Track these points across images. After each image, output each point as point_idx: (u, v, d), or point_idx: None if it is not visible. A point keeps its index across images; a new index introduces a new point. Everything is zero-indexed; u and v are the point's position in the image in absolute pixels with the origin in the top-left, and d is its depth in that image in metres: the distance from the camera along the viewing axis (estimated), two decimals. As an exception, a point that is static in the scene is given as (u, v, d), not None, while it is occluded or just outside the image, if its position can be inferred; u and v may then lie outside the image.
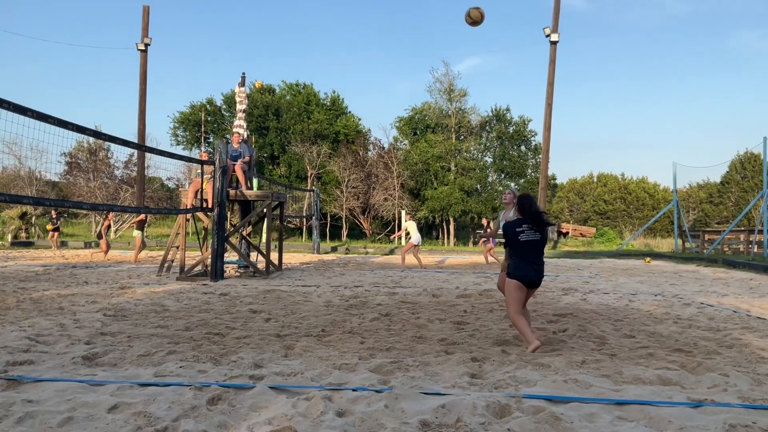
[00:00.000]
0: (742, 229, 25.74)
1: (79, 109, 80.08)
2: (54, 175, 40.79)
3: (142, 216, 19.09)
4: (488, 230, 18.59)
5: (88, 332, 6.24)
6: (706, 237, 26.21)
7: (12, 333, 6.06)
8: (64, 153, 35.41)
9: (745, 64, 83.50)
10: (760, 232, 21.03)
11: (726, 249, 24.71)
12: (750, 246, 21.67)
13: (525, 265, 5.60)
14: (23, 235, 29.03)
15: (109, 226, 21.11)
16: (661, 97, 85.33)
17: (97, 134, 8.80)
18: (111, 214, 20.85)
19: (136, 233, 18.62)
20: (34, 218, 27.97)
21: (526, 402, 3.90)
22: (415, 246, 17.16)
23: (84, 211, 37.20)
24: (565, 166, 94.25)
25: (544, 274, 5.90)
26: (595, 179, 52.23)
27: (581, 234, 39.71)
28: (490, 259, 18.87)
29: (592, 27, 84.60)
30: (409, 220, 18.28)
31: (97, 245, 24.63)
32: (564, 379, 4.47)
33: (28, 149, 36.21)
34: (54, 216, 24.41)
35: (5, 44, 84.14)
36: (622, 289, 11.24)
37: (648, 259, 21.59)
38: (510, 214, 7.63)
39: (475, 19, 9.18)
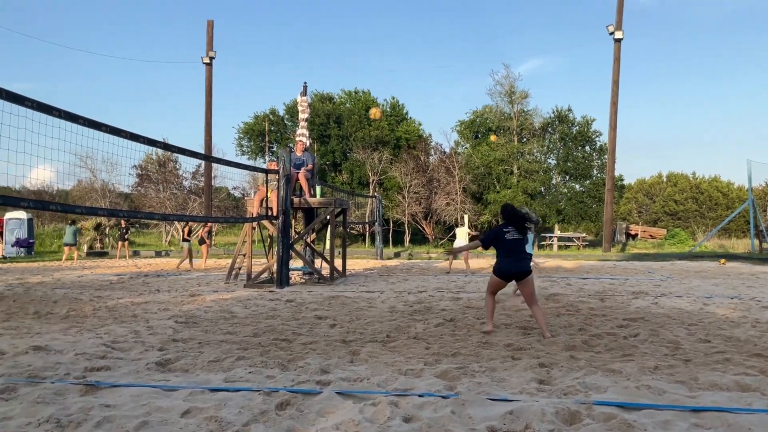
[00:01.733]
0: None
1: (147, 123, 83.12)
2: (126, 187, 42.43)
3: (190, 226, 19.63)
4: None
5: (160, 339, 6.44)
6: (786, 237, 25.00)
7: (89, 340, 6.32)
8: (135, 165, 36.79)
9: (824, 53, 79.23)
10: None
11: (808, 249, 23.51)
12: (835, 245, 20.53)
13: (507, 260, 6.75)
14: (98, 245, 30.28)
15: (210, 232, 21.69)
16: (732, 92, 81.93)
17: (166, 146, 9.11)
18: (208, 225, 21.43)
19: (185, 243, 19.13)
20: (108, 229, 29.16)
21: (596, 409, 3.80)
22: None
23: (155, 222, 38.50)
24: (633, 166, 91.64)
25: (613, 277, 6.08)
26: (665, 179, 50.60)
27: (651, 236, 38.47)
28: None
29: (658, 23, 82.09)
30: (461, 226, 18.40)
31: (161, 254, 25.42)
32: (636, 386, 4.33)
33: (101, 162, 37.80)
34: (123, 226, 25.40)
35: (78, 61, 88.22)
36: (696, 292, 10.82)
37: (723, 260, 20.74)
38: None
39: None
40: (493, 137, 34.52)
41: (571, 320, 7.58)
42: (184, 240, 19.20)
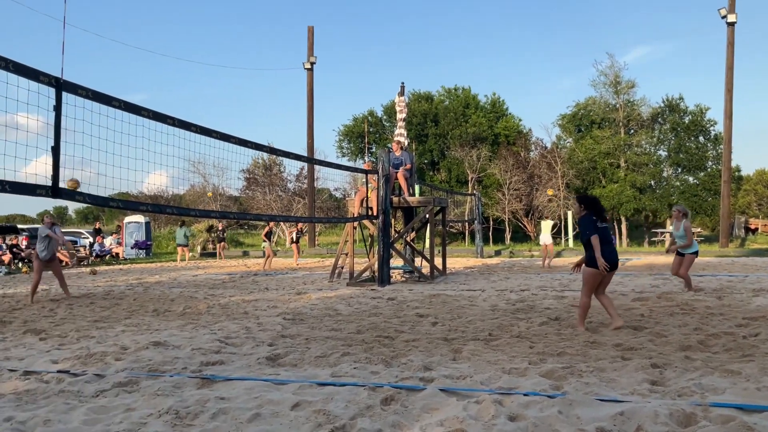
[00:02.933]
0: None
1: (253, 127, 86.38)
2: (235, 190, 44.29)
3: (269, 226, 20.26)
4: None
5: (270, 335, 6.70)
6: None
7: (204, 336, 6.67)
8: (243, 170, 38.34)
9: None
10: None
11: None
12: None
13: (609, 249, 6.52)
14: (210, 246, 31.81)
15: (300, 231, 22.54)
16: None
17: (272, 150, 9.45)
18: (300, 224, 22.26)
19: (265, 244, 19.74)
20: (218, 231, 30.63)
21: (713, 411, 3.61)
22: (545, 246, 17.42)
23: (262, 222, 39.97)
24: (752, 156, 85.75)
25: (731, 274, 6.03)
26: (789, 169, 46.98)
27: (773, 230, 35.83)
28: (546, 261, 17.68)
29: (778, 1, 76.29)
30: (547, 219, 17.95)
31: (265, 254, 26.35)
32: (756, 387, 4.08)
33: (212, 167, 39.67)
34: (221, 229, 26.58)
35: (189, 71, 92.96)
36: (827, 290, 10.00)
37: None
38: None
39: None
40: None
41: (685, 319, 7.22)
42: (264, 241, 20.02)
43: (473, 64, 77.16)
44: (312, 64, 31.03)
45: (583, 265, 6.68)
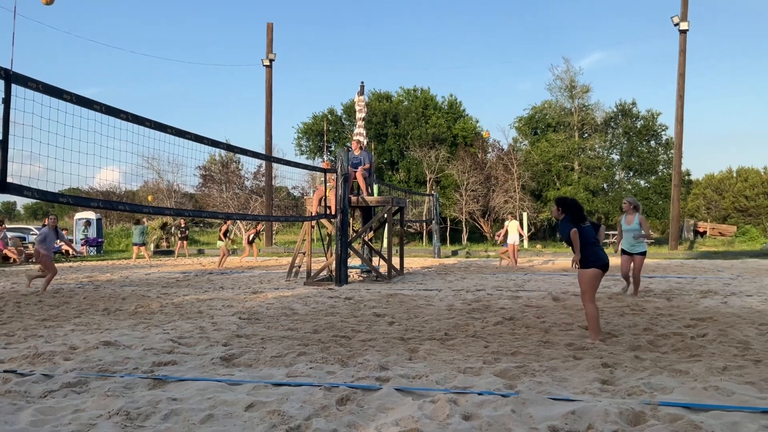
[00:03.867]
0: None
1: (209, 123, 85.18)
2: (190, 187, 43.66)
3: (227, 225, 20.25)
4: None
5: (225, 335, 6.61)
6: None
7: (157, 335, 6.54)
8: (199, 166, 37.82)
9: None
10: None
11: None
12: None
13: (600, 249, 6.27)
14: (164, 244, 31.26)
15: (257, 233, 22.36)
16: (808, 81, 77.95)
17: (229, 147, 9.34)
18: (259, 226, 22.12)
19: (221, 243, 19.70)
20: (173, 228, 30.12)
21: (662, 409, 3.71)
22: (512, 245, 17.53)
23: (218, 221, 39.47)
24: (701, 161, 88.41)
25: (680, 276, 5.98)
26: (735, 174, 48.63)
27: (720, 233, 37.06)
28: (504, 261, 18.22)
29: (725, 12, 78.95)
30: (512, 219, 18.11)
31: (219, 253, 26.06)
32: (704, 386, 4.20)
33: (167, 163, 38.99)
34: (183, 226, 26.18)
35: (146, 66, 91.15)
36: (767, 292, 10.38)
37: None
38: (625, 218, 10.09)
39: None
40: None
41: (635, 320, 7.40)
42: (220, 239, 19.95)
43: (432, 66, 77.67)
44: (271, 61, 30.78)
45: (578, 269, 6.29)
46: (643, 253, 10.01)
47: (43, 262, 11.74)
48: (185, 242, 26.00)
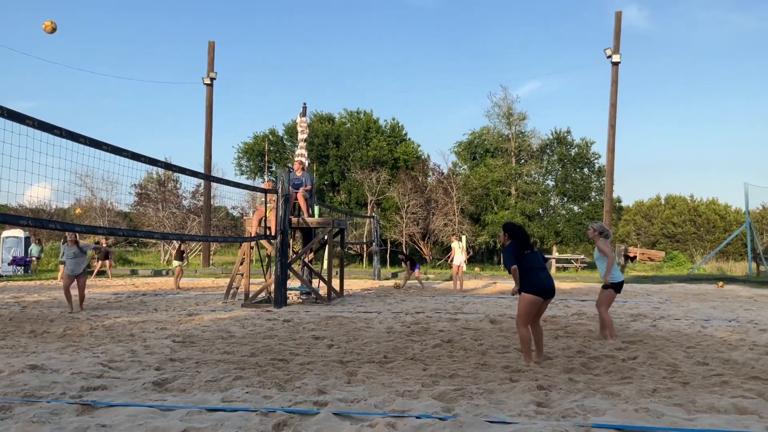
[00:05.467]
0: (823, 251, 24.44)
1: (148, 141, 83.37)
2: (125, 205, 42.46)
3: (183, 246, 19.83)
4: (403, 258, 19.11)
5: (158, 358, 6.42)
6: (784, 260, 25.03)
7: (86, 359, 6.30)
8: (135, 184, 36.84)
9: (820, 78, 79.86)
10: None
11: (805, 272, 23.52)
12: (832, 269, 20.55)
13: (544, 275, 6.29)
14: (96, 264, 30.19)
15: (182, 252, 21.71)
16: (729, 116, 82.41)
17: (167, 166, 9.14)
18: (183, 246, 21.59)
19: (176, 263, 19.29)
20: (102, 248, 29.20)
21: (595, 431, 3.79)
22: (457, 267, 17.60)
23: (153, 240, 38.48)
24: (631, 188, 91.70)
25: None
26: (663, 201, 50.70)
27: (649, 258, 38.47)
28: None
29: (656, 47, 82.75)
30: (455, 240, 18.29)
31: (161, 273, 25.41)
32: (635, 408, 4.32)
33: (101, 181, 37.85)
34: (106, 245, 25.47)
35: (83, 81, 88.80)
36: (694, 315, 10.81)
37: (721, 283, 20.71)
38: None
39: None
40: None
41: (569, 342, 7.57)
42: (177, 260, 19.48)
43: (376, 89, 78.29)
44: (212, 79, 30.45)
45: (519, 293, 6.28)
46: (612, 285, 7.94)
47: None
48: (109, 261, 25.27)
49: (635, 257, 37.85)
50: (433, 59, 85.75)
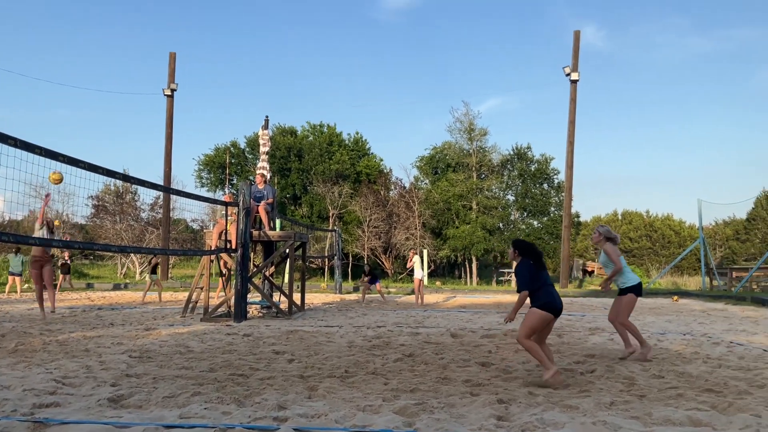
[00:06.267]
0: (771, 266, 25.24)
1: (107, 152, 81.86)
2: (81, 218, 41.52)
3: (156, 260, 19.67)
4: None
5: (113, 374, 6.27)
6: (734, 274, 25.77)
7: (38, 375, 6.11)
8: (92, 196, 36.09)
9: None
10: (790, 269, 20.62)
11: (755, 286, 24.24)
12: (780, 283, 21.22)
13: (554, 293, 5.99)
14: (60, 277, 29.38)
15: (155, 266, 21.19)
16: (685, 133, 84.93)
17: (126, 178, 8.99)
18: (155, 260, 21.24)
19: (154, 276, 19.16)
20: (60, 261, 28.42)
21: (554, 445, 3.83)
22: (418, 281, 17.67)
23: (110, 254, 37.67)
24: (589, 203, 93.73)
25: (570, 313, 6.05)
26: (620, 217, 51.81)
27: (606, 272, 39.02)
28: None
29: (614, 65, 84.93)
30: (415, 255, 18.41)
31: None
32: (593, 421, 4.38)
33: (56, 192, 36.95)
34: (67, 258, 24.88)
35: (42, 91, 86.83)
36: (650, 329, 11.04)
37: (675, 297, 21.23)
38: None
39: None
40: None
41: (528, 356, 7.64)
42: (152, 273, 19.31)
43: (339, 102, 78.49)
44: (173, 90, 30.10)
45: (530, 307, 5.98)
46: (629, 290, 7.47)
47: None
48: (67, 276, 24.68)
49: (593, 271, 38.52)
50: (397, 74, 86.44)
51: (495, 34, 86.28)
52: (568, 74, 28.23)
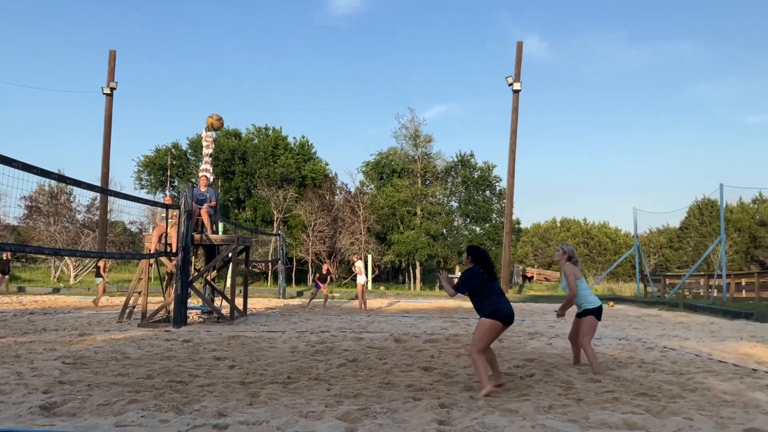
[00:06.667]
0: (702, 273, 26.32)
1: (40, 152, 79.02)
2: (13, 219, 39.86)
3: (103, 263, 19.11)
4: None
5: (46, 381, 6.04)
6: (667, 281, 26.74)
7: (-35, 383, 5.84)
8: (24, 196, 34.72)
9: (702, 113, 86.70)
10: (719, 276, 21.54)
11: (687, 293, 25.20)
12: (710, 290, 22.14)
13: (504, 300, 5.93)
14: None
15: (100, 269, 20.45)
16: (622, 143, 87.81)
17: (61, 178, 8.69)
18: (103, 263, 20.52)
19: (99, 280, 18.62)
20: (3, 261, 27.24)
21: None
22: (361, 286, 17.70)
23: (43, 257, 36.30)
24: (530, 211, 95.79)
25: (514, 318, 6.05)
26: (558, 224, 53.07)
27: (546, 278, 40.11)
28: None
29: (556, 77, 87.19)
30: (358, 260, 18.43)
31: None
32: (531, 425, 4.46)
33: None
34: (5, 260, 23.91)
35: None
36: (587, 333, 11.31)
37: (611, 303, 21.86)
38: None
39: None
40: None
41: (470, 360, 7.73)
42: (98, 276, 18.80)
43: (285, 106, 77.98)
44: (112, 89, 29.36)
45: (479, 318, 5.90)
46: (588, 312, 7.21)
47: None
48: (6, 277, 23.68)
49: (532, 277, 39.31)
50: (343, 80, 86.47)
51: (441, 43, 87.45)
52: (511, 84, 28.81)
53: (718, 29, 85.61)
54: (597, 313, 7.18)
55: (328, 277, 18.96)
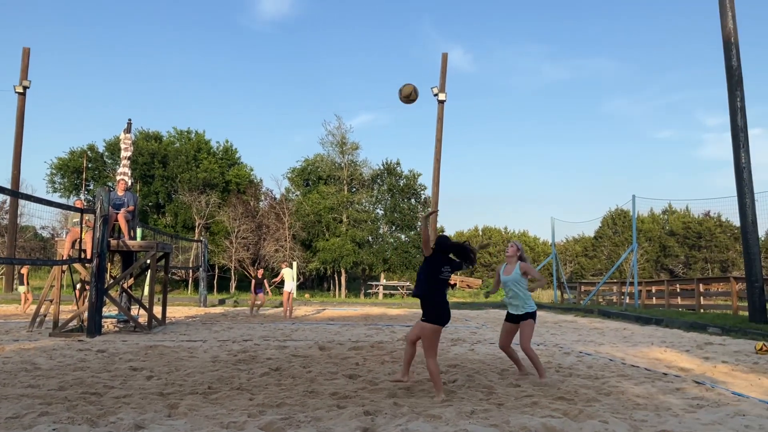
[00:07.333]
0: (615, 281, 27.45)
1: (-58, 151, 74.44)
2: None
3: (26, 270, 18.40)
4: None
5: (-56, 396, 5.67)
6: (583, 288, 27.74)
7: None
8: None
9: (617, 127, 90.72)
10: (631, 284, 22.52)
11: (601, 300, 26.21)
12: (622, 297, 23.11)
13: (446, 303, 6.04)
14: None
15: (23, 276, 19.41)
16: (542, 155, 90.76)
17: (-36, 179, 8.21)
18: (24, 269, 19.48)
19: (22, 288, 17.95)
20: None
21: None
22: (287, 293, 17.47)
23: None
24: (453, 219, 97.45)
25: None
26: (480, 232, 54.27)
27: (468, 285, 40.85)
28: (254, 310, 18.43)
29: (480, 88, 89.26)
30: (285, 267, 18.22)
31: None
32: (454, 430, 4.52)
33: None
34: None
35: None
36: (508, 339, 11.58)
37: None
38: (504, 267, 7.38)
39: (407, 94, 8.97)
40: None
41: (395, 367, 7.78)
42: (22, 284, 18.03)
43: (208, 109, 76.40)
44: (25, 88, 28.00)
45: (421, 322, 5.94)
46: (530, 315, 7.15)
47: None
48: None
49: (455, 284, 39.94)
50: (269, 84, 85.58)
51: (368, 51, 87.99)
52: (436, 94, 29.30)
53: (633, 47, 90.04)
54: (535, 316, 7.26)
55: (261, 283, 18.46)
